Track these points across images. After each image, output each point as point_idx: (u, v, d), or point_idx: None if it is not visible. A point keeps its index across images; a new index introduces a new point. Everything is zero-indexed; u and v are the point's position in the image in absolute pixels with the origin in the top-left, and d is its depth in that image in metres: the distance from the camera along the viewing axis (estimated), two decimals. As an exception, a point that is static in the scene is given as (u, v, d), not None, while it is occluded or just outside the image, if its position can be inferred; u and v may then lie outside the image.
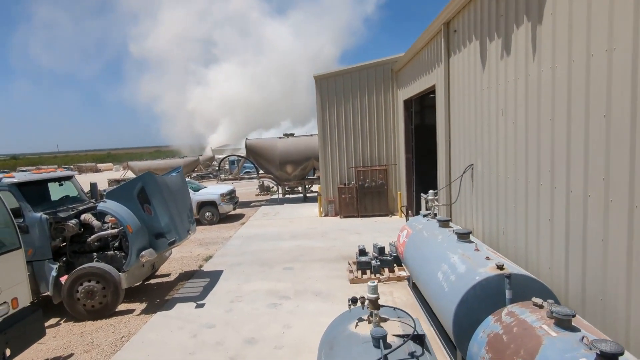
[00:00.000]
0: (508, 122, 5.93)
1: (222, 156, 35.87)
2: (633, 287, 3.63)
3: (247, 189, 25.25)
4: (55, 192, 8.69)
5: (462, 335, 4.51)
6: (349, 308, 3.96)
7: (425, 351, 3.40)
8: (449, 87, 8.54)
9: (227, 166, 31.10)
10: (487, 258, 4.85)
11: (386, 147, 14.93)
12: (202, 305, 7.68)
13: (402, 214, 14.36)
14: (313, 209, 17.12)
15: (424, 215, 7.41)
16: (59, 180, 8.69)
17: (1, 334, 5.14)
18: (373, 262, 8.45)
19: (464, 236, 5.67)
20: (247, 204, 19.51)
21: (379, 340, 3.23)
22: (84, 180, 9.76)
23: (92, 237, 7.82)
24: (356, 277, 8.27)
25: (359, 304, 3.95)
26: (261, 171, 18.87)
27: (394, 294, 7.56)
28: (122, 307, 7.85)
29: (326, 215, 15.37)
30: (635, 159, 3.47)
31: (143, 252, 7.53)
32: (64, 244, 7.89)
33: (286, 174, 18.16)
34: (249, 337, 6.31)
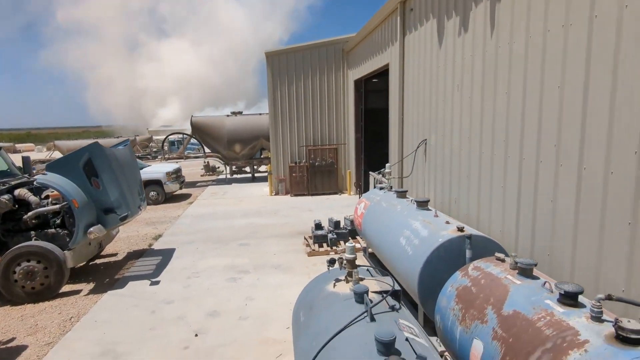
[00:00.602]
0: (464, 97, 6.26)
1: (161, 137, 34.15)
2: (578, 243, 4.06)
3: (191, 170, 24.39)
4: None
5: (426, 294, 4.79)
6: (328, 269, 4.05)
7: (401, 305, 3.59)
8: (403, 65, 8.80)
9: (165, 147, 29.55)
10: (447, 222, 5.16)
11: (336, 126, 15.12)
12: (157, 283, 7.41)
13: (351, 193, 14.72)
14: (263, 188, 16.97)
15: (381, 188, 7.67)
16: None
17: None
18: (330, 236, 8.62)
19: (423, 204, 5.97)
20: (192, 184, 18.87)
21: (363, 295, 3.34)
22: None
23: (29, 214, 7.20)
24: (313, 250, 8.40)
25: (336, 265, 4.06)
26: (207, 150, 18.30)
27: (352, 264, 7.78)
28: (66, 288, 7.35)
29: (277, 194, 15.33)
30: (585, 124, 3.85)
31: (91, 229, 7.08)
32: None
33: (234, 153, 17.77)
34: (211, 310, 6.21)
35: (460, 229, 4.83)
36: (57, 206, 7.27)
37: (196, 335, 5.50)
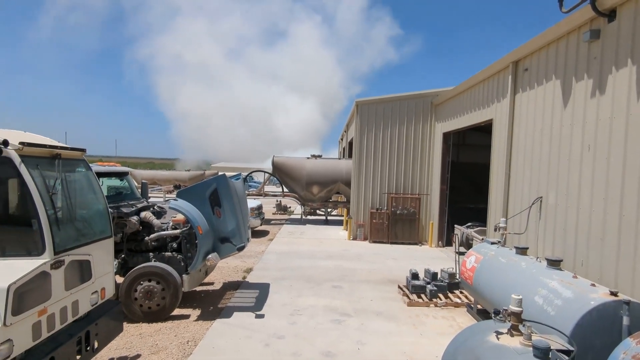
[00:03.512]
0: (597, 158, 6.16)
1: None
2: None
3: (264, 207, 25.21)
4: (109, 188, 8.66)
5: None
6: (493, 319, 4.01)
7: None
8: (512, 122, 8.84)
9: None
10: (593, 285, 4.97)
11: (419, 176, 15.18)
12: (262, 316, 7.57)
13: (432, 245, 14.46)
14: (338, 231, 17.14)
15: (492, 243, 7.53)
16: (120, 175, 8.69)
17: (93, 324, 5.01)
18: (429, 287, 8.47)
19: (555, 263, 5.79)
20: (267, 222, 19.44)
21: (547, 352, 3.28)
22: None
23: (152, 236, 7.73)
24: (414, 301, 8.26)
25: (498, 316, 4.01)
26: (286, 189, 18.91)
27: (457, 319, 7.56)
28: (175, 312, 7.69)
29: (355, 238, 15.38)
30: None
31: (210, 255, 7.48)
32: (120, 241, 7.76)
33: (311, 194, 18.23)
34: (325, 351, 6.22)
35: (614, 293, 4.63)
36: (178, 231, 7.77)
37: (318, 373, 5.51)
